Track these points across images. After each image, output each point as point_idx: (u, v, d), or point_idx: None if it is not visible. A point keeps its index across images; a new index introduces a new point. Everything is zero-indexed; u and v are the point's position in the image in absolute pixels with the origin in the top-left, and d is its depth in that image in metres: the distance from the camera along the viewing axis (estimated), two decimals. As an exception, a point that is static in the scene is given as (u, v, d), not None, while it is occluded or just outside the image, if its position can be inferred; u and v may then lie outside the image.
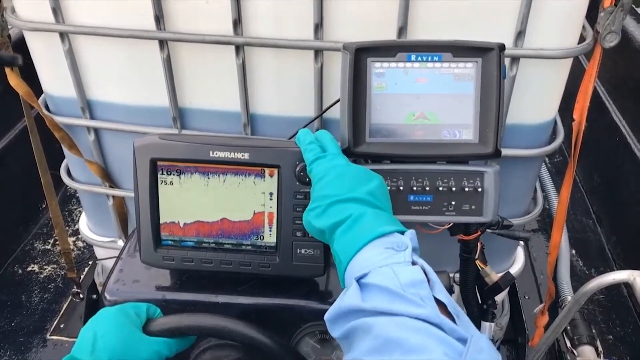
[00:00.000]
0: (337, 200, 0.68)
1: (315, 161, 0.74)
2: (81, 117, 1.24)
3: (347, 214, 0.67)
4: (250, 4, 1.05)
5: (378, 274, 0.60)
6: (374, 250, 0.63)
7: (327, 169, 0.72)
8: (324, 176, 0.72)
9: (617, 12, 1.00)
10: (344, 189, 0.69)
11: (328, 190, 0.70)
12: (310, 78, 1.10)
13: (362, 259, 0.63)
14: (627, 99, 1.89)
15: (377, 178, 0.73)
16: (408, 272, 0.59)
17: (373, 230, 0.64)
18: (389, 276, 0.59)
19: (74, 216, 2.13)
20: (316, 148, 0.76)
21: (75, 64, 1.16)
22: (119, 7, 1.08)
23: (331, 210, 0.68)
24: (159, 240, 0.85)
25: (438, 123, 0.79)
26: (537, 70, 1.08)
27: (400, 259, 0.61)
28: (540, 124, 1.17)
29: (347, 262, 0.64)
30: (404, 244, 0.63)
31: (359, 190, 0.69)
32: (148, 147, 0.80)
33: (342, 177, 0.71)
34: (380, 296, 0.58)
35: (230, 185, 0.80)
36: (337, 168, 0.72)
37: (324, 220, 0.68)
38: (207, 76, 1.16)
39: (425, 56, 0.77)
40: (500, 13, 1.01)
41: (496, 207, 0.81)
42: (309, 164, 0.75)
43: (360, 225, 0.65)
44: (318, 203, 0.70)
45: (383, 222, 0.65)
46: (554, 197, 1.84)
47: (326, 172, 0.72)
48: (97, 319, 0.73)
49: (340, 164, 0.73)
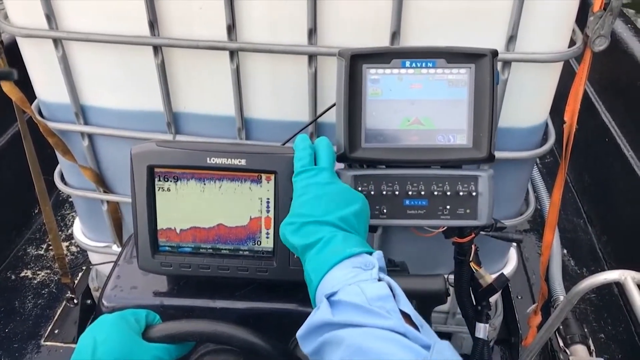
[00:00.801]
0: (311, 221, 0.71)
1: (300, 174, 0.76)
2: (75, 123, 1.24)
3: (319, 236, 0.70)
4: (244, 10, 1.05)
5: (346, 291, 0.64)
6: (343, 270, 0.66)
7: (308, 186, 0.75)
8: (303, 194, 0.74)
9: (607, 16, 1.02)
10: (319, 211, 0.72)
11: (305, 209, 0.73)
12: (304, 82, 1.11)
13: (332, 278, 0.66)
14: (616, 100, 1.91)
15: (357, 201, 0.75)
16: (374, 288, 0.63)
17: (342, 252, 0.68)
18: (356, 292, 0.63)
19: (67, 221, 2.12)
20: (306, 157, 0.77)
21: (69, 70, 1.16)
22: (112, 12, 1.09)
23: (305, 230, 0.71)
24: (157, 247, 0.86)
25: (432, 128, 0.80)
26: (529, 74, 1.09)
27: (367, 276, 0.65)
28: (532, 127, 1.19)
29: (317, 282, 0.68)
30: (371, 263, 0.67)
31: (332, 214, 0.72)
32: (145, 154, 0.80)
33: (319, 199, 0.73)
34: (349, 311, 0.62)
35: (226, 191, 0.80)
36: (317, 187, 0.74)
37: (298, 239, 0.72)
38: (201, 81, 1.16)
39: (419, 62, 0.78)
40: (492, 18, 1.02)
41: (490, 210, 0.82)
42: (295, 175, 0.77)
43: (330, 247, 0.69)
44: (294, 219, 0.73)
45: (352, 245, 0.69)
46: (545, 198, 1.86)
47: (306, 190, 0.74)
48: (96, 325, 0.73)
49: (322, 182, 0.75)
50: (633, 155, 1.72)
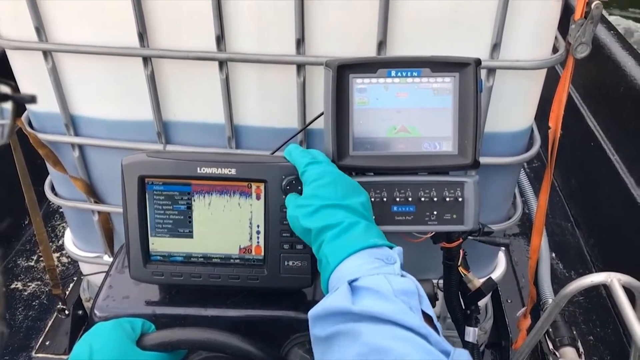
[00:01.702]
0: (330, 204, 0.70)
1: (310, 164, 0.76)
2: (65, 134, 1.25)
3: (339, 219, 0.69)
4: (233, 20, 1.07)
5: (370, 280, 0.62)
6: (364, 259, 0.65)
7: (322, 173, 0.75)
8: (318, 179, 0.74)
9: (587, 24, 1.04)
10: (337, 195, 0.71)
11: (321, 192, 0.72)
12: (293, 91, 1.12)
13: (352, 265, 0.65)
14: (601, 105, 1.94)
15: (365, 194, 0.76)
16: (400, 281, 0.62)
17: (365, 240, 0.66)
18: (381, 282, 0.61)
19: (57, 232, 2.12)
20: (309, 155, 0.79)
21: (58, 81, 1.16)
22: (102, 24, 1.09)
23: (322, 212, 0.70)
24: (148, 256, 0.86)
25: (419, 136, 0.82)
26: (513, 81, 1.11)
27: (390, 270, 0.64)
28: (518, 132, 1.20)
29: (335, 266, 0.66)
30: (392, 257, 0.66)
31: (351, 199, 0.71)
32: (136, 164, 0.81)
33: (335, 184, 0.73)
34: (371, 299, 0.60)
35: (215, 209, 0.81)
36: (332, 174, 0.75)
37: (314, 221, 0.70)
38: (191, 91, 1.17)
39: (404, 72, 0.80)
40: (477, 27, 1.04)
41: (476, 215, 0.84)
42: (304, 166, 0.77)
43: (352, 233, 0.68)
44: (309, 202, 0.72)
45: (375, 235, 0.68)
46: (533, 202, 1.89)
47: (321, 175, 0.74)
48: (93, 332, 0.74)
49: (334, 171, 0.76)
50: (618, 159, 1.75)
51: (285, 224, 0.80)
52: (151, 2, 1.05)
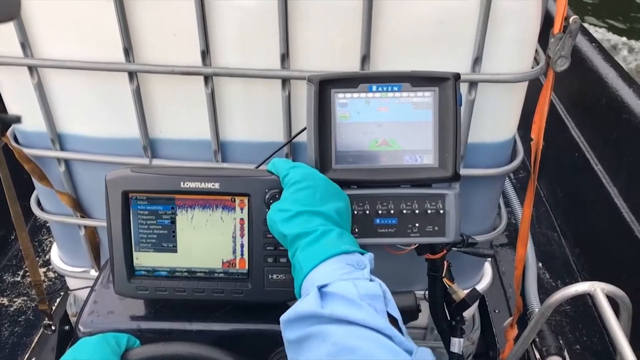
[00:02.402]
0: (307, 210, 0.73)
1: (293, 168, 0.78)
2: (51, 149, 1.25)
3: (314, 227, 0.71)
4: (218, 35, 1.08)
5: (339, 285, 0.65)
6: (335, 265, 0.68)
7: (303, 175, 0.77)
8: (299, 181, 0.76)
9: (566, 38, 1.06)
10: (315, 201, 0.74)
11: (300, 196, 0.74)
12: (278, 105, 1.13)
13: (324, 271, 0.68)
14: (584, 115, 1.97)
15: (345, 199, 0.78)
16: (367, 286, 0.65)
17: (337, 247, 0.69)
18: (349, 287, 0.64)
19: (44, 246, 2.10)
20: (292, 162, 0.81)
21: (44, 97, 1.17)
22: (87, 39, 1.10)
23: (299, 219, 0.72)
24: (132, 271, 0.87)
25: (400, 149, 0.83)
26: (495, 93, 1.13)
27: (359, 275, 0.67)
28: (501, 144, 1.22)
29: (307, 272, 0.69)
30: (363, 263, 0.69)
31: (328, 205, 0.74)
32: (119, 179, 0.81)
33: (314, 188, 0.75)
34: (339, 304, 0.63)
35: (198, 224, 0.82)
36: (312, 178, 0.77)
37: (290, 227, 0.72)
38: (177, 105, 1.18)
39: (385, 87, 0.81)
40: (458, 41, 1.06)
41: (458, 227, 0.85)
42: (286, 170, 0.79)
43: (325, 240, 0.70)
44: (288, 207, 0.74)
45: (346, 242, 0.71)
46: (519, 212, 1.90)
47: (301, 178, 0.76)
48: (78, 347, 0.74)
49: (316, 174, 0.78)
50: (601, 169, 1.78)
51: (269, 238, 0.81)
52: (137, 17, 1.06)
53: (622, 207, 1.64)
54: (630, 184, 1.65)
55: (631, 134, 1.61)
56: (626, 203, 1.64)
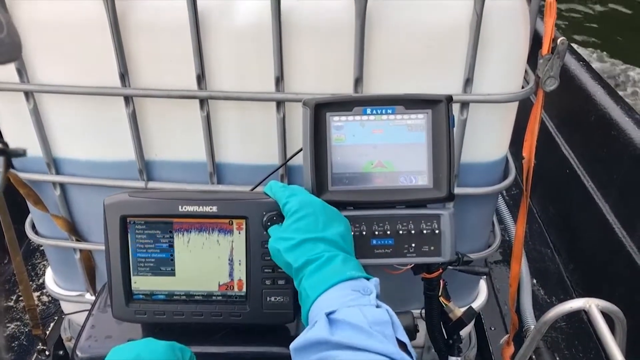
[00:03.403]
0: (310, 237, 0.73)
1: (291, 196, 0.79)
2: (47, 173, 1.25)
3: (319, 253, 0.72)
4: (213, 59, 1.09)
5: (346, 312, 0.65)
6: (342, 291, 0.68)
7: (304, 203, 0.77)
8: (300, 209, 0.76)
9: (554, 59, 1.09)
10: (318, 227, 0.74)
11: (302, 224, 0.75)
12: (273, 127, 1.14)
13: (330, 298, 0.68)
14: (574, 133, 2.00)
15: (345, 222, 0.79)
16: (375, 313, 0.65)
17: (342, 273, 0.69)
18: (357, 314, 0.64)
19: (38, 270, 2.09)
20: (289, 189, 0.81)
21: (40, 122, 1.17)
22: (83, 64, 1.11)
23: (303, 247, 0.73)
24: (131, 295, 0.87)
25: (395, 170, 0.85)
26: (486, 113, 1.15)
27: (366, 301, 0.67)
28: (493, 162, 1.24)
29: (314, 299, 0.69)
30: (369, 288, 0.69)
31: (331, 230, 0.74)
32: (118, 204, 0.82)
33: (316, 215, 0.76)
34: (348, 331, 0.63)
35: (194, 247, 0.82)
36: (312, 204, 0.78)
37: (295, 255, 0.73)
38: (172, 128, 1.19)
39: (379, 109, 0.82)
40: (450, 63, 1.08)
41: (453, 247, 0.86)
42: (285, 198, 0.79)
43: (330, 266, 0.70)
44: (291, 235, 0.74)
45: (352, 267, 0.71)
46: (513, 229, 1.92)
47: (302, 206, 0.77)
48: (145, 346, 0.73)
49: (315, 201, 0.79)
50: (592, 185, 1.80)
51: (266, 260, 0.81)
52: (132, 42, 1.08)
53: (613, 223, 1.66)
54: (620, 200, 1.67)
55: (620, 151, 1.64)
56: (617, 219, 1.66)
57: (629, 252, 1.56)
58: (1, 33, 0.58)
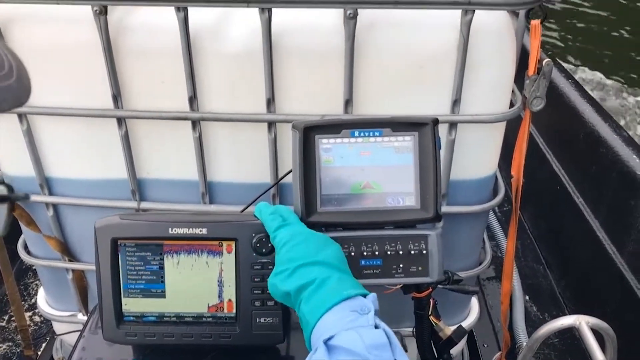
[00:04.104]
0: (304, 263, 0.74)
1: (280, 228, 0.80)
2: (39, 194, 1.25)
3: (313, 276, 0.72)
4: (205, 81, 1.11)
5: (344, 336, 0.65)
6: (340, 313, 0.68)
7: (292, 234, 0.78)
8: (289, 240, 0.77)
9: (540, 79, 1.10)
10: (310, 253, 0.75)
11: (294, 253, 0.75)
12: (265, 147, 1.16)
13: (329, 322, 0.68)
14: (564, 149, 2.02)
15: (338, 246, 0.80)
16: (372, 336, 0.65)
17: (338, 294, 0.70)
18: (354, 339, 0.64)
19: (30, 290, 2.08)
20: (278, 217, 0.82)
21: (33, 143, 1.18)
22: (77, 86, 1.13)
23: (298, 273, 0.73)
24: (121, 317, 0.87)
25: (383, 192, 0.86)
26: (475, 133, 1.17)
27: (364, 322, 0.67)
28: (482, 181, 1.25)
29: (314, 324, 0.69)
30: (367, 307, 0.69)
31: (323, 253, 0.75)
32: (109, 227, 0.83)
33: (306, 242, 0.77)
34: (346, 357, 0.63)
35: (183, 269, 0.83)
36: (301, 234, 0.78)
37: (291, 283, 0.73)
38: (165, 149, 1.20)
39: (367, 132, 0.84)
40: (438, 84, 1.10)
41: (441, 267, 0.87)
42: (273, 230, 0.80)
43: (326, 288, 0.71)
44: (285, 266, 0.74)
45: (348, 286, 0.71)
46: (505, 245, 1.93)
47: (291, 237, 0.77)
48: None
49: (304, 230, 0.80)
50: (582, 202, 1.82)
51: (256, 281, 0.82)
52: (125, 65, 1.09)
53: (603, 240, 1.67)
54: (610, 217, 1.68)
55: (609, 168, 1.66)
56: (607, 235, 1.67)
57: (619, 269, 1.58)
58: (10, 78, 0.58)
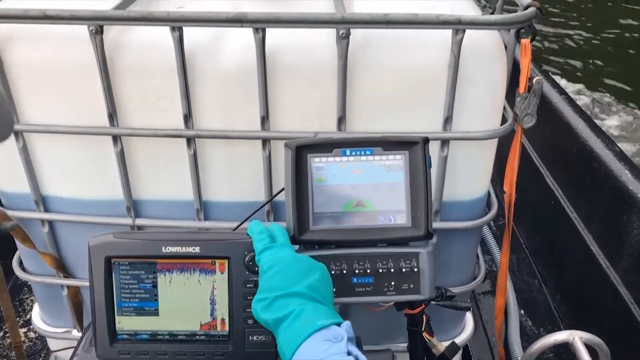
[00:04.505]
0: (282, 294, 0.76)
1: (264, 251, 0.81)
2: (35, 210, 1.26)
3: (290, 309, 0.74)
4: (199, 99, 1.12)
5: None
6: (313, 343, 0.70)
7: (274, 260, 0.79)
8: (271, 267, 0.79)
9: (531, 97, 1.12)
10: (288, 283, 0.76)
11: (274, 282, 0.77)
12: (259, 165, 1.17)
13: (304, 352, 0.70)
14: (557, 165, 2.04)
15: (320, 269, 0.80)
16: None
17: (312, 325, 0.72)
18: None
19: (25, 305, 2.08)
20: (266, 238, 0.83)
21: (29, 161, 1.19)
22: (73, 104, 1.14)
23: (276, 304, 0.76)
24: (115, 335, 0.87)
25: (374, 210, 0.87)
26: (467, 150, 1.18)
27: (336, 350, 0.69)
28: (475, 197, 1.26)
29: (290, 356, 0.71)
30: (340, 335, 0.71)
31: (301, 284, 0.76)
32: (102, 245, 0.83)
33: (287, 269, 0.78)
34: None
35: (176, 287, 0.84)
36: (283, 260, 0.79)
37: (270, 314, 0.76)
38: (160, 166, 1.21)
39: (358, 151, 0.85)
40: (429, 102, 1.12)
41: (432, 284, 0.88)
42: (258, 253, 0.81)
43: (300, 320, 0.73)
44: (265, 295, 0.77)
45: (321, 316, 0.73)
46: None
47: (273, 263, 0.79)
48: None
49: (286, 256, 0.80)
50: (576, 216, 1.83)
51: (248, 299, 0.82)
52: (121, 83, 1.10)
53: (597, 254, 1.68)
54: (603, 231, 1.69)
55: (602, 183, 1.67)
56: (601, 250, 1.68)
57: (613, 283, 1.58)
58: None
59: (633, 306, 1.50)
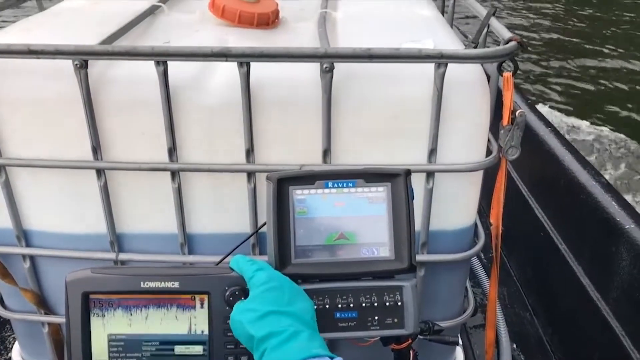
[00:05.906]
0: (277, 310, 0.73)
1: (259, 270, 0.80)
2: (16, 245, 1.24)
3: (283, 327, 0.71)
4: (184, 132, 1.12)
5: None
6: None
7: (270, 277, 0.78)
8: (267, 282, 0.77)
9: (514, 130, 1.13)
10: (284, 301, 0.75)
11: (269, 296, 0.75)
12: (244, 197, 1.16)
13: None
14: (545, 196, 2.04)
15: (310, 301, 0.80)
16: None
17: (307, 350, 0.69)
18: None
19: (7, 343, 2.03)
20: (257, 263, 0.82)
21: (11, 195, 1.18)
22: (56, 138, 1.13)
23: (268, 319, 0.73)
24: (92, 375, 0.85)
25: (357, 242, 0.86)
26: (452, 182, 1.18)
27: None
28: (461, 229, 1.26)
29: None
30: None
31: (297, 305, 0.75)
32: (79, 281, 0.82)
33: (282, 289, 0.77)
34: None
35: (152, 324, 0.82)
36: (279, 279, 0.79)
37: (259, 327, 0.72)
38: (144, 200, 1.20)
39: (340, 183, 0.85)
40: (414, 134, 1.12)
41: (416, 318, 0.86)
42: (252, 272, 0.80)
43: (295, 342, 0.70)
44: (257, 307, 0.74)
45: (317, 346, 0.71)
46: (490, 292, 1.91)
47: (268, 279, 0.78)
48: None
49: (282, 277, 0.80)
50: (566, 248, 1.82)
51: (229, 336, 0.80)
52: (105, 117, 1.10)
53: (588, 286, 1.67)
54: (593, 263, 1.68)
55: (589, 215, 1.67)
56: (591, 282, 1.67)
57: (604, 316, 1.56)
58: None
59: (624, 339, 1.48)
